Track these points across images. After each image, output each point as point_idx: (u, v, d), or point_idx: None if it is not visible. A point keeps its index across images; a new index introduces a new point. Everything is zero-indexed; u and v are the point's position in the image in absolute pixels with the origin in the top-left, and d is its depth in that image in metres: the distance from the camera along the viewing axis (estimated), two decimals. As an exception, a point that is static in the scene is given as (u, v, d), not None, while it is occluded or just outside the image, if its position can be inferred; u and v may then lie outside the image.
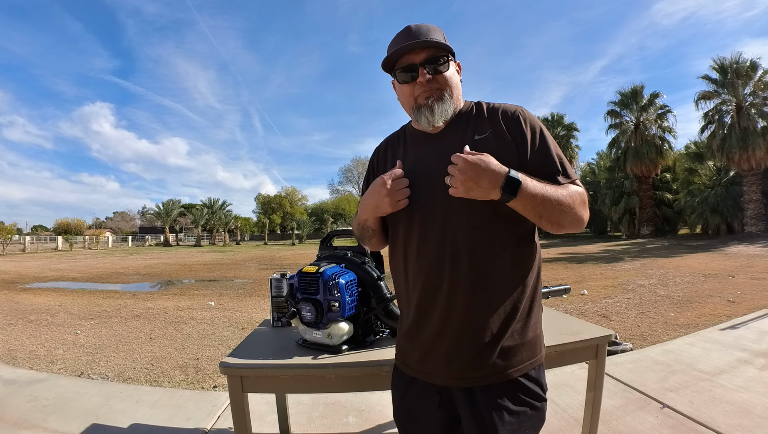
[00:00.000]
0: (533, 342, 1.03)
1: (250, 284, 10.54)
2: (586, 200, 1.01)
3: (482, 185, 0.89)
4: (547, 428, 2.46)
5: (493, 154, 0.93)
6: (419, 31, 1.02)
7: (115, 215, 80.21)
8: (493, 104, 1.07)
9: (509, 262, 0.99)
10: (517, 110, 1.03)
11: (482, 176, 0.89)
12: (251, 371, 1.39)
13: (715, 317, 4.90)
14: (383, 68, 1.08)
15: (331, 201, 65.45)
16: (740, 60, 19.90)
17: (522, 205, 0.92)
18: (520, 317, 1.00)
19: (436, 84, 1.02)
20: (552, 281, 8.80)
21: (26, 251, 32.72)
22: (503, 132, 1.01)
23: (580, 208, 0.98)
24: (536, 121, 1.04)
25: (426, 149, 1.07)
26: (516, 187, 0.89)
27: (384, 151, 1.20)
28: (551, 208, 0.93)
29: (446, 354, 1.00)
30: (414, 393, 1.08)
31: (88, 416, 2.57)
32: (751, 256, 12.10)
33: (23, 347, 4.55)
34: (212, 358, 4.05)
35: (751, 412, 2.35)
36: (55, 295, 8.91)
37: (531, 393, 1.00)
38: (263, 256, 23.40)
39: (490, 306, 0.98)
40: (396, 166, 1.04)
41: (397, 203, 1.01)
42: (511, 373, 0.99)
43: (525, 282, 1.01)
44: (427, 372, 1.04)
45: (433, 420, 1.06)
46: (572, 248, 19.26)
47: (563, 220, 0.96)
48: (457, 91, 1.07)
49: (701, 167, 23.23)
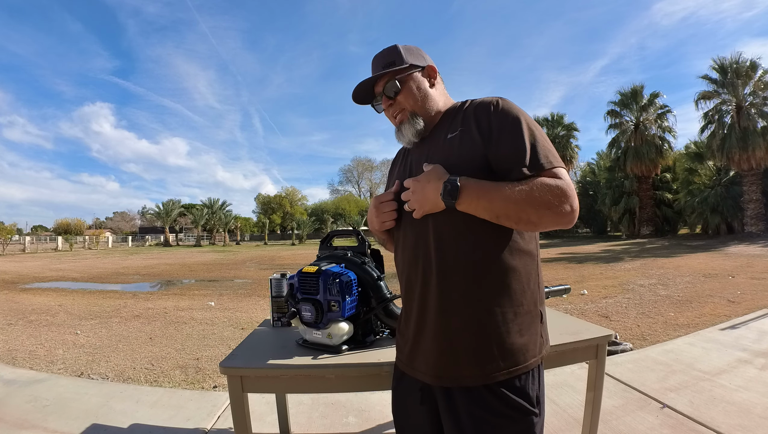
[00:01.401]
0: (516, 350, 0.95)
1: (250, 284, 10.53)
2: (562, 187, 0.89)
3: (429, 197, 0.95)
4: (547, 428, 2.45)
5: (459, 150, 0.99)
6: (373, 63, 1.12)
7: (115, 215, 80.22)
8: (473, 100, 1.07)
9: (486, 264, 0.95)
10: (491, 101, 1.00)
11: (427, 189, 0.96)
12: (251, 371, 1.39)
13: (715, 317, 4.90)
14: (369, 103, 1.17)
15: (331, 201, 65.40)
16: (740, 60, 19.91)
17: (472, 208, 0.92)
18: (499, 321, 0.94)
19: (400, 106, 1.10)
20: (552, 281, 8.79)
21: (26, 251, 32.72)
22: (471, 127, 0.99)
23: (545, 197, 0.88)
24: (510, 110, 0.97)
25: (416, 152, 1.14)
26: (455, 191, 0.91)
27: (398, 155, 1.30)
28: (506, 207, 0.88)
29: (426, 351, 1.02)
30: (403, 388, 1.12)
31: (88, 416, 2.57)
32: (751, 256, 12.10)
33: (23, 347, 4.55)
34: (212, 358, 4.05)
35: (751, 412, 2.35)
36: (55, 295, 8.91)
37: (512, 404, 0.93)
38: (263, 256, 23.39)
39: (461, 307, 0.95)
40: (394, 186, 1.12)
41: (383, 224, 1.12)
42: (486, 379, 0.94)
43: (508, 286, 0.95)
44: (413, 367, 1.06)
45: (419, 415, 1.08)
46: (572, 248, 19.26)
47: (529, 217, 0.89)
48: (426, 102, 1.10)
49: (701, 167, 23.22)
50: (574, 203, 0.90)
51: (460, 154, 0.98)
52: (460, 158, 0.97)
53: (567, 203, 0.89)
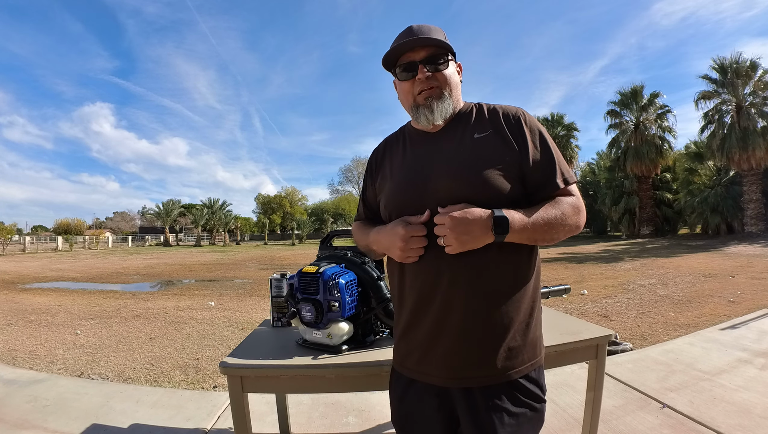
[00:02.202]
0: (533, 343, 1.02)
1: (250, 285, 10.53)
2: (581, 207, 1.02)
3: (475, 235, 0.92)
4: (547, 428, 2.45)
5: (494, 151, 0.98)
6: (420, 30, 1.03)
7: (115, 215, 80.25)
8: (494, 105, 1.08)
9: (508, 262, 0.98)
10: (518, 112, 1.04)
11: (472, 227, 0.92)
12: (251, 371, 1.39)
13: (715, 317, 4.90)
14: (384, 65, 1.09)
15: (331, 201, 65.44)
16: (740, 60, 19.90)
17: (517, 238, 0.94)
18: (522, 318, 0.99)
19: (436, 82, 1.03)
20: (552, 281, 8.81)
21: (26, 251, 32.72)
22: (504, 131, 1.01)
23: (573, 220, 1.00)
24: (537, 123, 1.05)
25: (426, 147, 1.08)
26: (505, 224, 0.92)
27: (383, 151, 1.20)
28: (543, 232, 0.96)
29: (445, 354, 0.99)
30: (414, 395, 1.07)
31: (88, 416, 2.57)
32: (751, 256, 12.11)
33: (23, 347, 4.55)
34: (212, 358, 4.05)
35: (752, 412, 2.35)
36: (55, 295, 8.91)
37: (531, 395, 0.99)
38: (263, 256, 23.39)
39: (489, 307, 0.96)
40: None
41: (407, 258, 1.02)
42: (512, 374, 0.98)
43: (526, 283, 1.01)
44: (427, 372, 1.03)
45: (433, 421, 1.04)
46: (572, 248, 19.25)
47: (556, 237, 0.99)
48: (457, 91, 1.08)
49: (701, 167, 23.22)
50: (585, 217, 1.04)
51: (494, 155, 0.99)
52: (495, 160, 0.98)
53: (581, 218, 1.02)
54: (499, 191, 0.96)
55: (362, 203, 1.26)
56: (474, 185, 0.96)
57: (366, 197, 1.23)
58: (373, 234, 1.12)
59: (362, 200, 1.26)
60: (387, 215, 1.11)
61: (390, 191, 1.09)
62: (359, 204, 1.29)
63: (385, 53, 1.04)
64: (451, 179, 0.99)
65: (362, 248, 1.22)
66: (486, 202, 0.94)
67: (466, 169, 0.98)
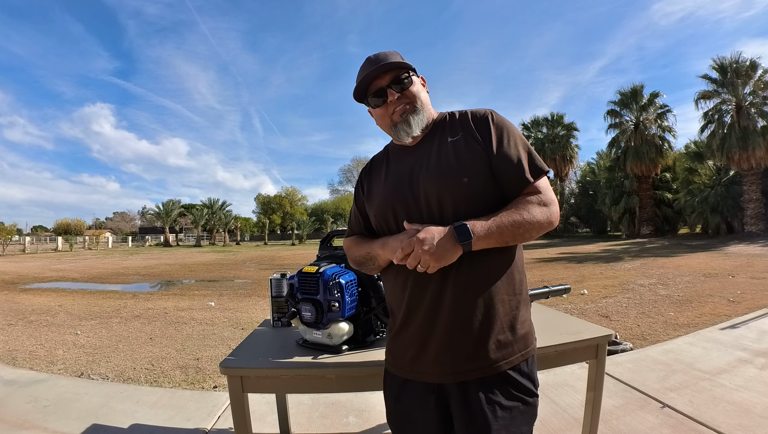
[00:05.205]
0: (524, 335, 1.05)
1: (250, 285, 10.53)
2: (548, 201, 1.03)
3: (447, 247, 0.95)
4: (547, 428, 2.46)
5: (467, 152, 1.05)
6: (378, 58, 1.11)
7: (115, 215, 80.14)
8: (465, 111, 1.14)
9: (492, 258, 1.02)
10: (486, 112, 1.11)
11: (441, 243, 0.95)
12: (251, 371, 1.39)
13: (715, 316, 4.90)
14: (356, 99, 1.15)
15: (331, 201, 65.44)
16: (740, 59, 19.92)
17: (485, 243, 0.97)
18: (508, 310, 1.03)
19: (406, 99, 1.10)
20: (552, 280, 8.81)
21: (26, 251, 32.72)
22: (473, 131, 1.08)
23: (542, 216, 1.00)
24: (504, 121, 1.10)
25: (407, 158, 1.14)
26: (466, 231, 0.95)
27: (369, 171, 1.26)
28: (512, 233, 0.98)
29: (437, 350, 1.02)
30: (409, 394, 1.10)
31: (89, 416, 2.57)
32: (751, 255, 12.11)
33: (23, 347, 4.55)
34: (212, 358, 4.05)
35: (752, 412, 2.35)
36: (55, 295, 8.91)
37: (523, 389, 1.02)
38: (263, 256, 23.40)
39: (478, 300, 1.00)
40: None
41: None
42: (502, 365, 1.00)
43: (511, 277, 1.05)
44: (422, 371, 1.06)
45: (430, 420, 1.07)
46: (572, 248, 19.26)
47: (528, 236, 1.01)
48: (427, 102, 1.15)
49: (701, 167, 23.23)
50: (557, 211, 1.05)
51: (467, 156, 1.04)
52: (468, 159, 1.04)
53: (548, 211, 1.03)
54: (477, 189, 1.02)
55: (356, 216, 1.27)
56: (455, 185, 1.02)
57: (359, 210, 1.26)
58: (377, 243, 1.12)
59: (356, 213, 1.28)
60: (377, 225, 1.17)
61: (379, 203, 1.15)
62: (351, 220, 1.31)
63: (355, 88, 1.12)
64: (433, 183, 1.04)
65: (359, 259, 1.19)
66: (468, 200, 1.01)
67: (444, 172, 1.04)
